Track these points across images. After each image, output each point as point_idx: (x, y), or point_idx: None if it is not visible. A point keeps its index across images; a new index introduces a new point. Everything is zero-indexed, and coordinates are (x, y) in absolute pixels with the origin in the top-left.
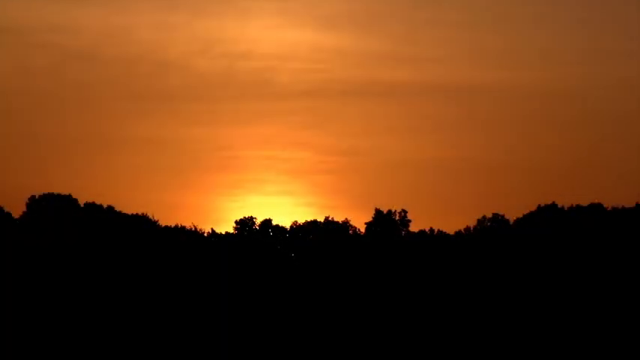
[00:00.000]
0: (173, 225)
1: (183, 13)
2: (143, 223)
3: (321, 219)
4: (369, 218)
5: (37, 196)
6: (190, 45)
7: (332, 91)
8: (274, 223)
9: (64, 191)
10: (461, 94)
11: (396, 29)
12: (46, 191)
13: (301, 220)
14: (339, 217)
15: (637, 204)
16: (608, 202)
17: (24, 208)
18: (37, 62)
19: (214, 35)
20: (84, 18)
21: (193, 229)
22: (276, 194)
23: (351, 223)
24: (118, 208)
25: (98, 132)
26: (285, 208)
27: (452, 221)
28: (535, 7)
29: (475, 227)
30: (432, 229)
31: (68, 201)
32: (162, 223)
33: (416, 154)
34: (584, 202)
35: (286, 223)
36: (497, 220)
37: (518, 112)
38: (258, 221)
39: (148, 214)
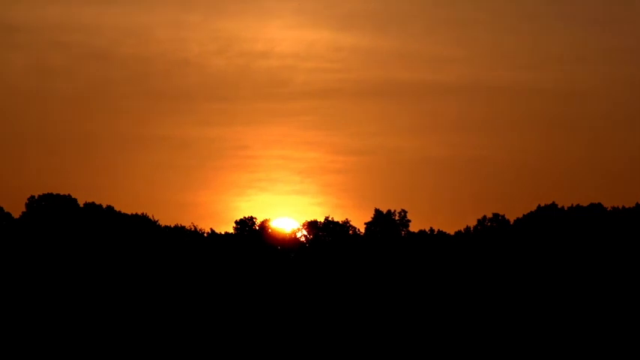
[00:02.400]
0: (173, 225)
1: (201, 12)
2: (143, 223)
3: (321, 219)
4: (369, 218)
5: (37, 196)
6: (208, 44)
7: (349, 91)
8: (275, 223)
9: (64, 191)
10: (462, 94)
11: (413, 29)
12: (46, 191)
13: (308, 220)
14: (348, 217)
15: (637, 204)
16: (608, 202)
17: (24, 208)
18: (54, 61)
19: (232, 34)
20: (101, 17)
21: (193, 229)
22: (287, 193)
23: (351, 223)
24: (118, 208)
25: (112, 131)
26: (297, 208)
27: (452, 221)
28: (550, 7)
29: (475, 227)
30: (432, 229)
31: (68, 201)
32: (170, 222)
33: (416, 154)
34: (584, 202)
35: (297, 223)
36: (497, 220)
37: (518, 112)
38: (258, 221)
39: (148, 214)
